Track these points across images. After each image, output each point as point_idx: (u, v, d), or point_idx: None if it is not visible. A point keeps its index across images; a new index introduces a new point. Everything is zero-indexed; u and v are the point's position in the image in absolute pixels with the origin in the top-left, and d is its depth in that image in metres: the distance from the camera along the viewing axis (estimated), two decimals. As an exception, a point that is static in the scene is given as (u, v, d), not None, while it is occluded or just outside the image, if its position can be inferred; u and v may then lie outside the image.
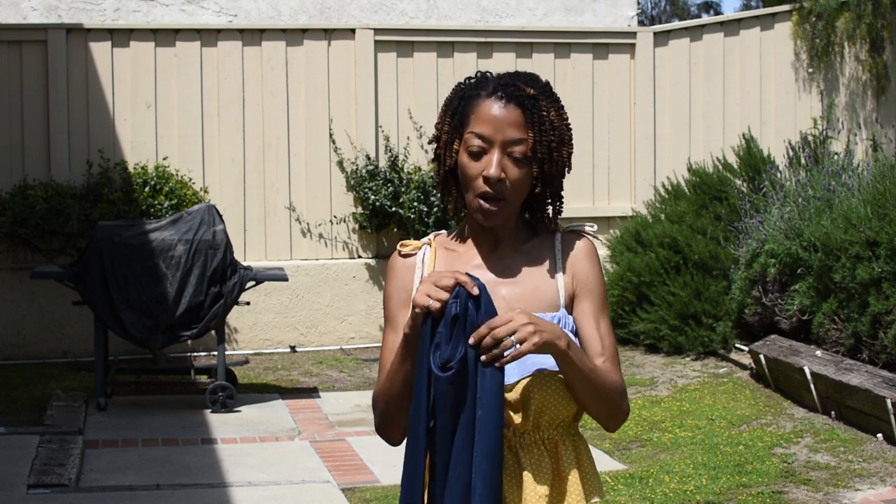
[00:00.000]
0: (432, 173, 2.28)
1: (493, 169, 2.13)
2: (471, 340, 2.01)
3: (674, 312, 8.04)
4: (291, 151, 9.13)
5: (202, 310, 7.04)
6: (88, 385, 7.63)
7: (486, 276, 2.18)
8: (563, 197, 2.25)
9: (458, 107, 2.20)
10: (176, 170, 8.82)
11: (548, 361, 2.11)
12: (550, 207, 2.25)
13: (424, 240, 2.30)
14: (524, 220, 2.26)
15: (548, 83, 2.23)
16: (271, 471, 5.94)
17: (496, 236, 2.22)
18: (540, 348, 2.02)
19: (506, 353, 2.01)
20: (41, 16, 9.93)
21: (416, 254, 2.27)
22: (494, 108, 2.14)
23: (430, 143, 2.30)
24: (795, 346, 6.98)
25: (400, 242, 2.29)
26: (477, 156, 2.15)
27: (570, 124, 2.22)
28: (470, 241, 2.25)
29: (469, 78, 2.24)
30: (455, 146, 2.19)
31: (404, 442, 2.13)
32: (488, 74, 2.23)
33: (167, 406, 7.31)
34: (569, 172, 2.23)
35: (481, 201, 2.15)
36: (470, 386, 2.02)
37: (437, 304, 2.01)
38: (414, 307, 2.04)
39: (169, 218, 7.27)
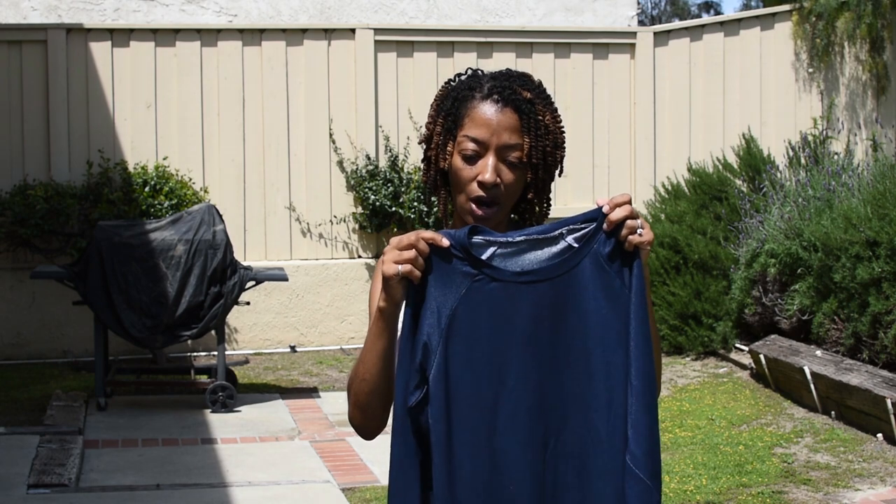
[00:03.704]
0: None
1: (488, 174, 2.07)
2: (606, 208, 1.96)
3: (674, 312, 8.04)
4: (291, 151, 9.13)
5: (202, 310, 7.04)
6: (88, 385, 7.63)
7: None
8: (550, 199, 2.21)
9: (452, 108, 2.13)
10: (176, 170, 8.82)
11: None
12: (538, 209, 2.20)
13: None
14: (512, 222, 2.21)
15: (542, 84, 2.18)
16: (271, 471, 5.94)
17: None
18: (649, 250, 2.02)
19: (638, 232, 1.98)
20: (41, 16, 9.93)
21: None
22: (490, 112, 2.08)
23: (420, 143, 2.24)
24: (795, 346, 6.98)
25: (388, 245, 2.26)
26: (471, 159, 2.09)
27: (563, 128, 2.17)
28: None
29: (459, 75, 2.18)
30: (449, 148, 2.12)
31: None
32: (479, 73, 2.17)
33: (167, 406, 7.31)
34: (560, 175, 2.19)
35: (474, 205, 2.10)
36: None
37: (409, 267, 1.94)
38: (387, 279, 1.96)
39: (169, 218, 7.27)
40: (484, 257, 1.97)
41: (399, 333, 1.99)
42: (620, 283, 1.98)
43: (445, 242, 1.96)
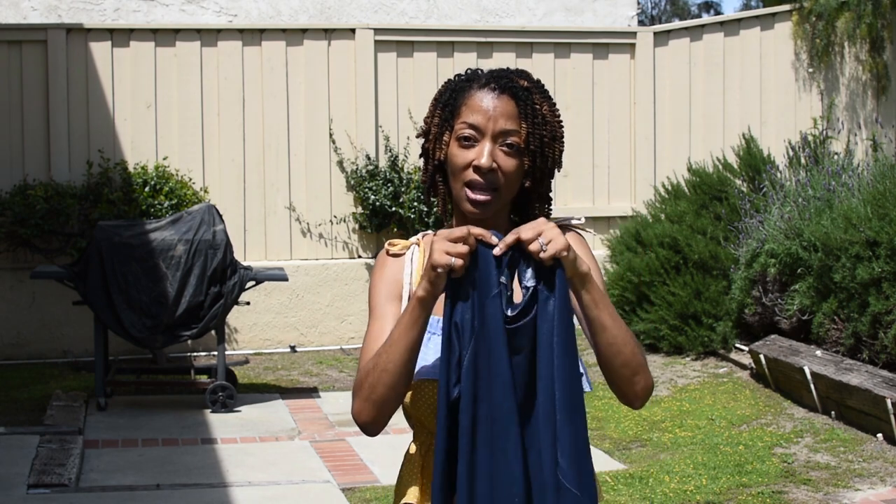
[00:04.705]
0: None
1: (484, 158, 2.05)
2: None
3: (674, 312, 8.04)
4: (291, 151, 9.14)
5: (202, 310, 7.04)
6: (88, 385, 7.63)
7: None
8: (551, 199, 2.19)
9: (449, 99, 2.13)
10: (176, 170, 8.82)
11: None
12: (538, 208, 2.18)
13: (413, 239, 2.21)
14: (513, 222, 2.19)
15: (540, 81, 2.18)
16: (271, 471, 5.94)
17: None
18: (568, 254, 1.92)
19: (543, 252, 1.91)
20: (41, 16, 9.93)
21: (404, 253, 2.19)
22: (487, 99, 2.08)
23: (417, 136, 2.23)
24: (795, 346, 6.98)
25: (388, 241, 2.20)
26: (467, 146, 2.08)
27: (562, 122, 2.17)
28: None
29: (459, 74, 2.18)
30: (445, 138, 2.12)
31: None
32: (479, 70, 2.17)
33: (167, 406, 7.31)
34: (559, 171, 2.17)
35: (469, 191, 2.07)
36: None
37: (461, 262, 1.90)
38: (435, 268, 1.92)
39: (169, 218, 7.27)
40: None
41: (441, 328, 1.98)
42: (560, 297, 1.98)
43: (495, 240, 1.95)
